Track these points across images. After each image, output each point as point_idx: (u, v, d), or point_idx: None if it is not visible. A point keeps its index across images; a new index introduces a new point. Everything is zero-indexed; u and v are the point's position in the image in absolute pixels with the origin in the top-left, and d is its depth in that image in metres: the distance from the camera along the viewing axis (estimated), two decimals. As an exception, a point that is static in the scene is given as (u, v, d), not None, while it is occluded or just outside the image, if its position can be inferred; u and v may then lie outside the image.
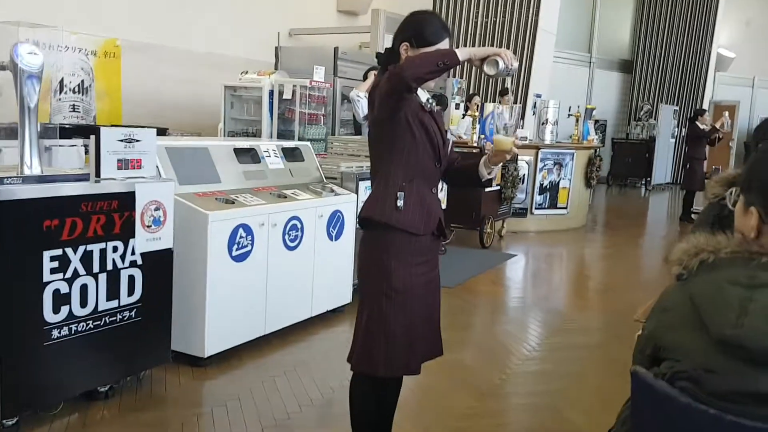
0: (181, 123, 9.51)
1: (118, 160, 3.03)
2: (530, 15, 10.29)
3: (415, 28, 2.25)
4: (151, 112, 9.20)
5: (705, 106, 15.65)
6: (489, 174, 2.40)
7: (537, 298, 5.62)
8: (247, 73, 7.31)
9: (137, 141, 3.10)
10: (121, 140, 3.04)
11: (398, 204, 2.24)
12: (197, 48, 9.51)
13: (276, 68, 8.16)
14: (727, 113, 9.15)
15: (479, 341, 4.46)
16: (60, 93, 8.10)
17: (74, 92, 8.31)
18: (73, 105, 8.36)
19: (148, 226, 3.06)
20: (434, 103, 2.35)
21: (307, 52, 8.63)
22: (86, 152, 5.97)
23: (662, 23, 15.59)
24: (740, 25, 17.55)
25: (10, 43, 2.66)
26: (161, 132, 7.61)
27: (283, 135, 6.82)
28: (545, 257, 7.52)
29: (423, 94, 2.32)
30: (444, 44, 2.26)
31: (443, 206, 6.62)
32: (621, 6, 16.21)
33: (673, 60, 15.51)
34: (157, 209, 3.09)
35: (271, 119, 6.99)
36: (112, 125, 7.83)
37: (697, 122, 9.33)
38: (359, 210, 2.46)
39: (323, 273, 4.22)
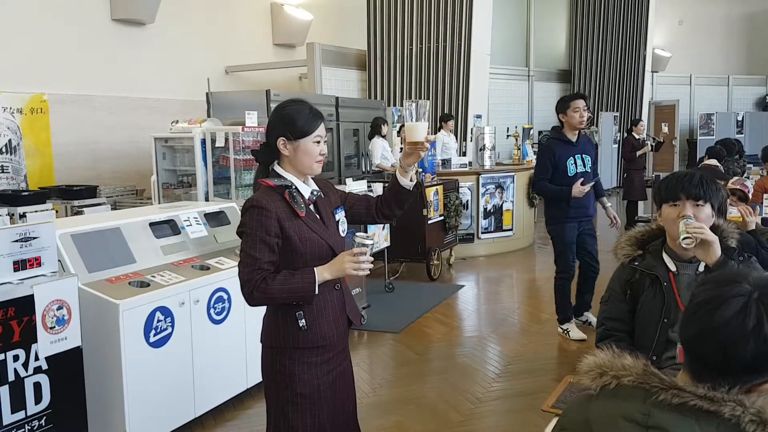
0: (119, 173, 9.28)
1: (14, 262, 2.88)
2: (463, 38, 10.36)
3: (288, 122, 2.17)
4: (85, 165, 8.97)
5: (644, 108, 15.92)
6: (411, 180, 2.29)
7: (486, 337, 5.40)
8: (177, 122, 7.13)
9: (34, 238, 2.96)
10: (17, 240, 2.89)
11: (301, 324, 2.14)
12: (132, 94, 9.32)
13: (208, 114, 8.00)
14: (666, 125, 9.28)
15: (421, 398, 4.25)
16: (-14, 155, 7.85)
17: (1, 153, 8.05)
18: (2, 166, 8.10)
19: (51, 328, 2.91)
20: (319, 193, 2.25)
21: (239, 95, 8.51)
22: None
23: (596, 30, 15.86)
24: (673, 24, 18.02)
25: None
26: (91, 191, 7.43)
27: (218, 182, 6.71)
28: (495, 283, 7.47)
29: (306, 188, 2.22)
30: (319, 130, 2.19)
31: (387, 243, 6.63)
32: (555, 16, 16.46)
33: (609, 65, 15.78)
34: (60, 308, 2.94)
35: (206, 168, 6.83)
36: (41, 188, 7.61)
37: (632, 133, 9.45)
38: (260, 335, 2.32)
39: (257, 341, 4.07)
